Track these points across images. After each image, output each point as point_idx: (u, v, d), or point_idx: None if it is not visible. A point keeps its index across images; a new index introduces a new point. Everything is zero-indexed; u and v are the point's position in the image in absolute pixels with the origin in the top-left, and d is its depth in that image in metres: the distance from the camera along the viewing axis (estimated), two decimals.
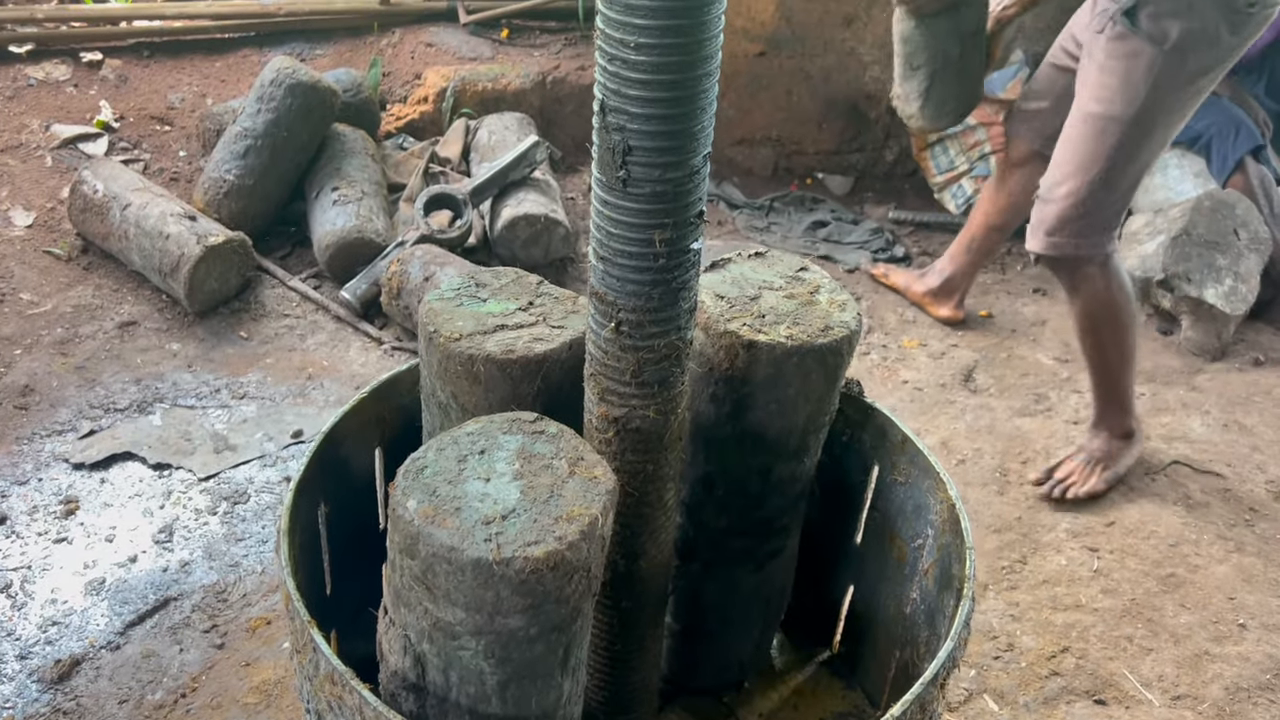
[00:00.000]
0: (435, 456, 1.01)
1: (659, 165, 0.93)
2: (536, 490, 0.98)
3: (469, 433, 1.04)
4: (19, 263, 3.15)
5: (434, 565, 0.93)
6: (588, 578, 0.98)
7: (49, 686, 2.03)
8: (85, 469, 2.54)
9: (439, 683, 1.03)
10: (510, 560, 0.91)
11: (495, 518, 0.94)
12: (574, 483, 0.99)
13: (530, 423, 1.06)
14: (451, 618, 0.96)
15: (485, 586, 0.92)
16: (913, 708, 1.03)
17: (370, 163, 3.38)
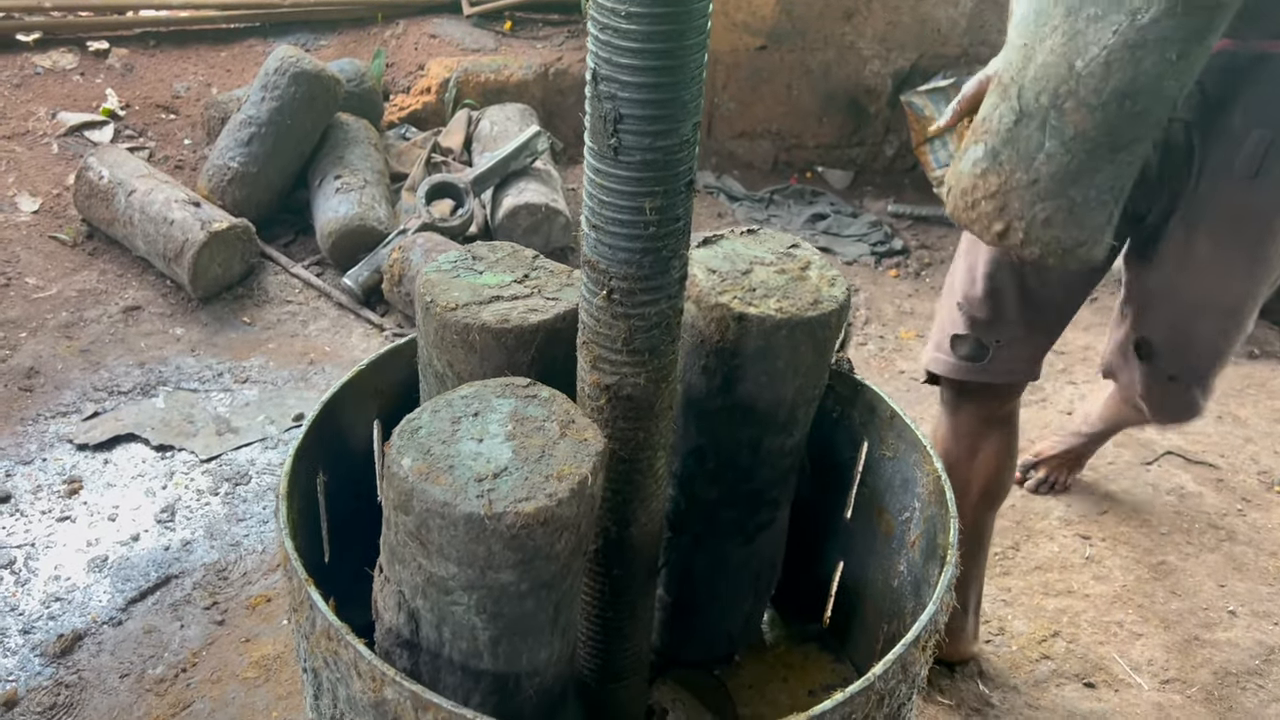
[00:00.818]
0: (430, 418, 1.04)
1: (650, 133, 0.95)
2: (528, 450, 1.00)
3: (463, 396, 1.06)
4: (25, 248, 3.18)
5: (428, 521, 0.96)
6: (577, 535, 1.00)
7: (51, 660, 2.06)
8: (89, 450, 2.57)
9: (432, 639, 1.05)
10: (502, 515, 0.93)
11: (488, 475, 0.96)
12: (565, 444, 1.02)
13: (523, 387, 1.09)
14: (444, 572, 0.98)
15: (477, 541, 0.95)
16: (894, 667, 1.06)
17: (373, 152, 3.41)
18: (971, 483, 1.95)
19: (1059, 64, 1.33)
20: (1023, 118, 1.38)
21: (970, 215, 1.48)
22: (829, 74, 4.00)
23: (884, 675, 1.05)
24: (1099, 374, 2.05)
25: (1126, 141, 1.33)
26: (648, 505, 1.24)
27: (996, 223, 1.44)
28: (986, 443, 1.92)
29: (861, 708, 1.04)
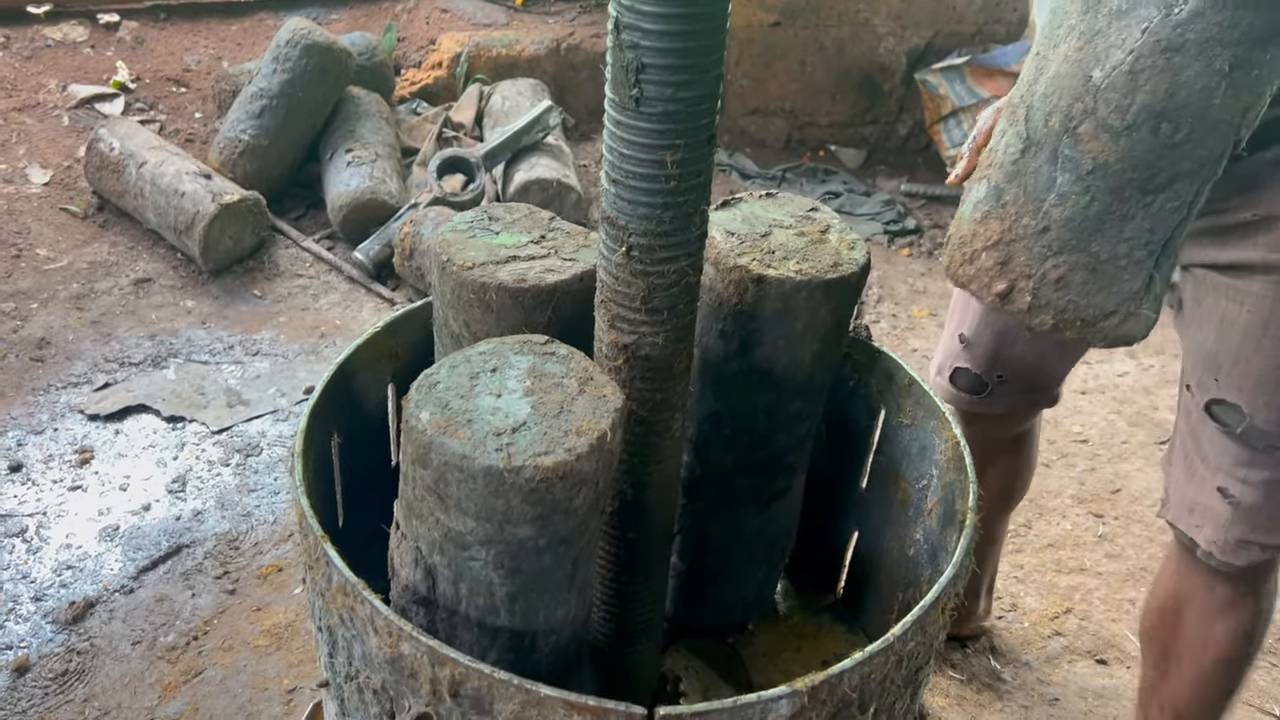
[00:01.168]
0: (448, 373, 1.03)
1: (672, 84, 0.94)
2: (547, 406, 0.99)
3: (480, 352, 1.05)
4: (36, 219, 3.18)
5: (446, 474, 0.95)
6: (595, 491, 0.99)
7: (63, 627, 2.06)
8: (100, 420, 2.57)
9: (449, 595, 1.04)
10: (521, 469, 0.92)
11: (506, 429, 0.95)
12: (583, 400, 1.01)
13: (541, 344, 1.08)
14: (462, 527, 0.97)
15: (496, 495, 0.94)
16: (914, 629, 1.05)
17: (384, 125, 3.39)
18: (985, 488, 1.87)
19: (1072, 74, 1.03)
20: (1030, 146, 1.08)
21: (967, 271, 1.17)
22: (843, 51, 3.97)
23: (903, 636, 1.04)
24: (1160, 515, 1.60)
25: (1165, 181, 1.02)
26: (664, 468, 1.23)
27: (998, 281, 1.14)
28: (1001, 456, 1.86)
29: (880, 668, 1.03)
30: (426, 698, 0.99)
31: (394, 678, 1.02)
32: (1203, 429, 1.46)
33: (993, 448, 1.83)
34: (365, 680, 1.07)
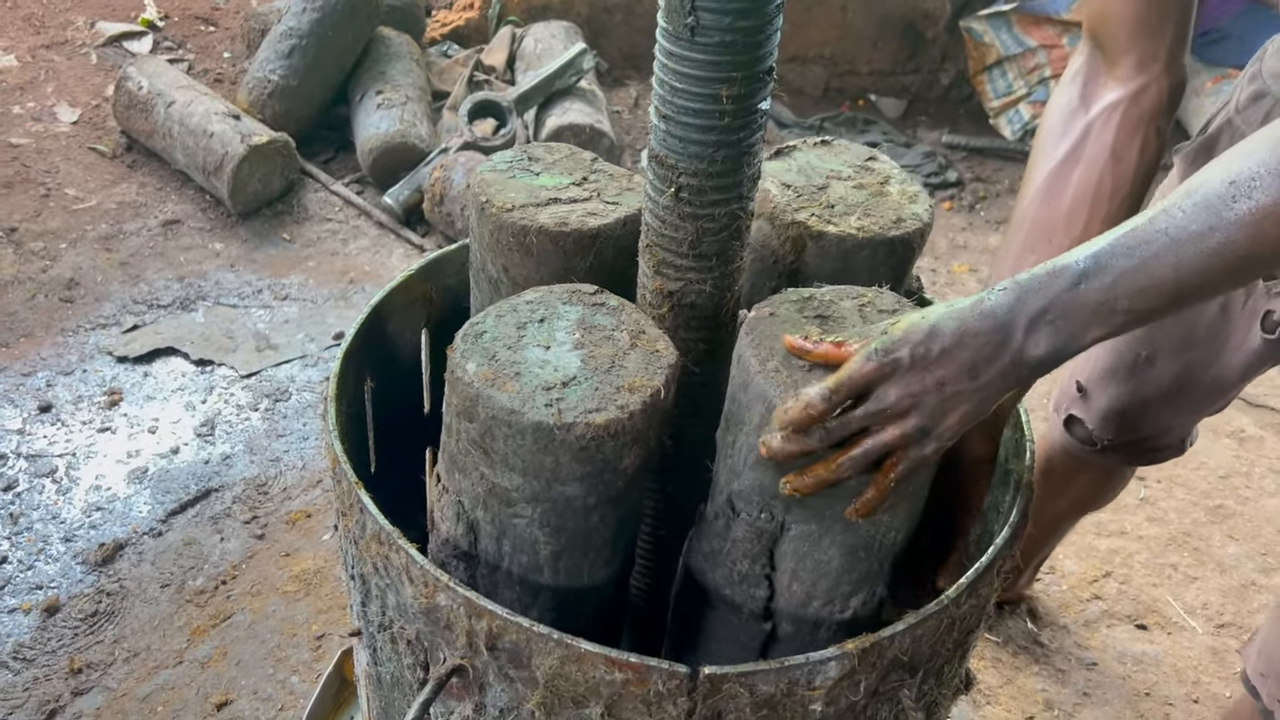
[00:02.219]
0: (494, 322, 0.98)
1: (730, 12, 0.88)
2: (598, 360, 0.95)
3: (528, 301, 1.01)
4: (64, 159, 3.15)
5: (493, 429, 0.91)
6: (646, 450, 0.95)
7: (93, 569, 2.06)
8: (129, 362, 2.55)
9: (491, 551, 1.01)
10: (572, 425, 0.88)
11: (556, 384, 0.91)
12: (635, 354, 0.96)
13: (590, 294, 1.03)
14: (508, 483, 0.94)
15: (545, 451, 0.90)
16: (967, 592, 1.00)
17: (415, 68, 3.33)
18: (1065, 494, 1.80)
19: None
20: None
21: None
22: None
23: (956, 599, 0.99)
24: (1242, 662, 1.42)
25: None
26: (705, 420, 1.18)
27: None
28: (1095, 466, 1.74)
29: (932, 632, 0.99)
30: (462, 650, 0.95)
31: (429, 629, 0.99)
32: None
33: (1086, 463, 1.73)
34: (399, 630, 1.04)
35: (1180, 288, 0.81)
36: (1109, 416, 1.60)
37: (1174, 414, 1.56)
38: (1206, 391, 1.51)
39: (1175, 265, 0.80)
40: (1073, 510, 1.88)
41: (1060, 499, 1.82)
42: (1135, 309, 0.82)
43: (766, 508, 0.98)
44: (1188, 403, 1.54)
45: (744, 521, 1.00)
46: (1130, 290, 0.81)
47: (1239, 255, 0.79)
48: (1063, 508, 1.85)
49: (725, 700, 0.90)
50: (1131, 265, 0.81)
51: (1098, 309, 0.82)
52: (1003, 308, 0.84)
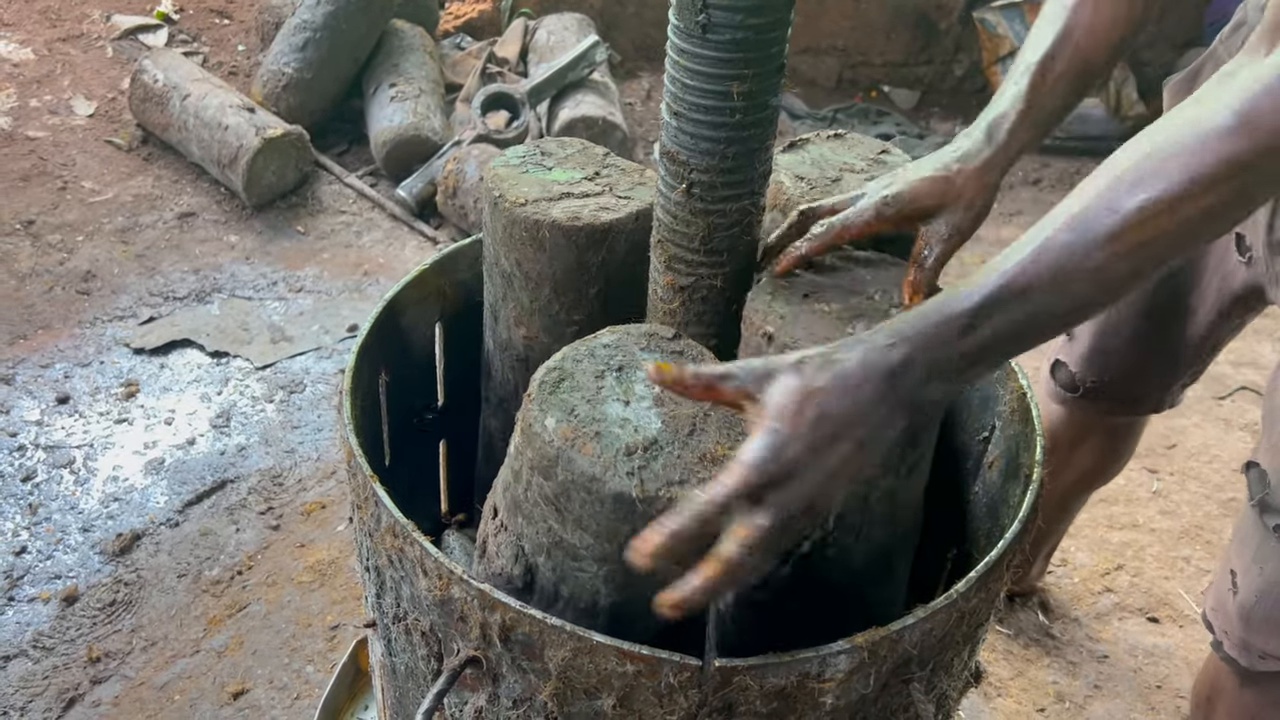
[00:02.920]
0: (572, 368, 0.96)
1: (742, 9, 0.88)
2: (678, 421, 0.92)
3: (605, 345, 0.98)
4: (81, 151, 3.17)
5: (570, 491, 0.89)
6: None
7: (111, 558, 2.08)
8: (145, 354, 2.57)
9: (548, 592, 0.99)
10: (654, 499, 0.86)
11: (638, 448, 0.89)
12: (715, 417, 0.95)
13: (668, 340, 1.00)
14: (578, 541, 0.92)
15: (623, 520, 0.88)
16: (976, 586, 1.01)
17: (428, 60, 3.34)
18: (1070, 466, 1.80)
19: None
20: None
21: None
22: None
23: (966, 594, 1.00)
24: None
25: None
26: None
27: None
28: (1095, 437, 1.76)
29: (942, 625, 0.99)
30: (476, 642, 0.97)
31: (443, 620, 1.00)
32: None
33: (1087, 429, 1.74)
34: (413, 622, 1.05)
35: (1065, 317, 0.80)
36: (1092, 354, 1.62)
37: (1157, 349, 1.57)
38: (1185, 326, 1.52)
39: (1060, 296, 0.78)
40: (1078, 487, 1.88)
41: (1065, 474, 1.82)
42: (1022, 343, 0.80)
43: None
44: (1169, 340, 1.55)
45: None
46: (1017, 332, 0.79)
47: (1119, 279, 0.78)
48: (1068, 483, 1.85)
49: (736, 692, 0.91)
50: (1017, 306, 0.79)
51: (985, 352, 0.79)
52: (888, 367, 0.79)
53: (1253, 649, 1.31)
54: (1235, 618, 1.32)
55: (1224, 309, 1.46)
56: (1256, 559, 1.28)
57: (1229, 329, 1.51)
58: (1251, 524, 1.29)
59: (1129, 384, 1.63)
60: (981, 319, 0.79)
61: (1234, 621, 1.32)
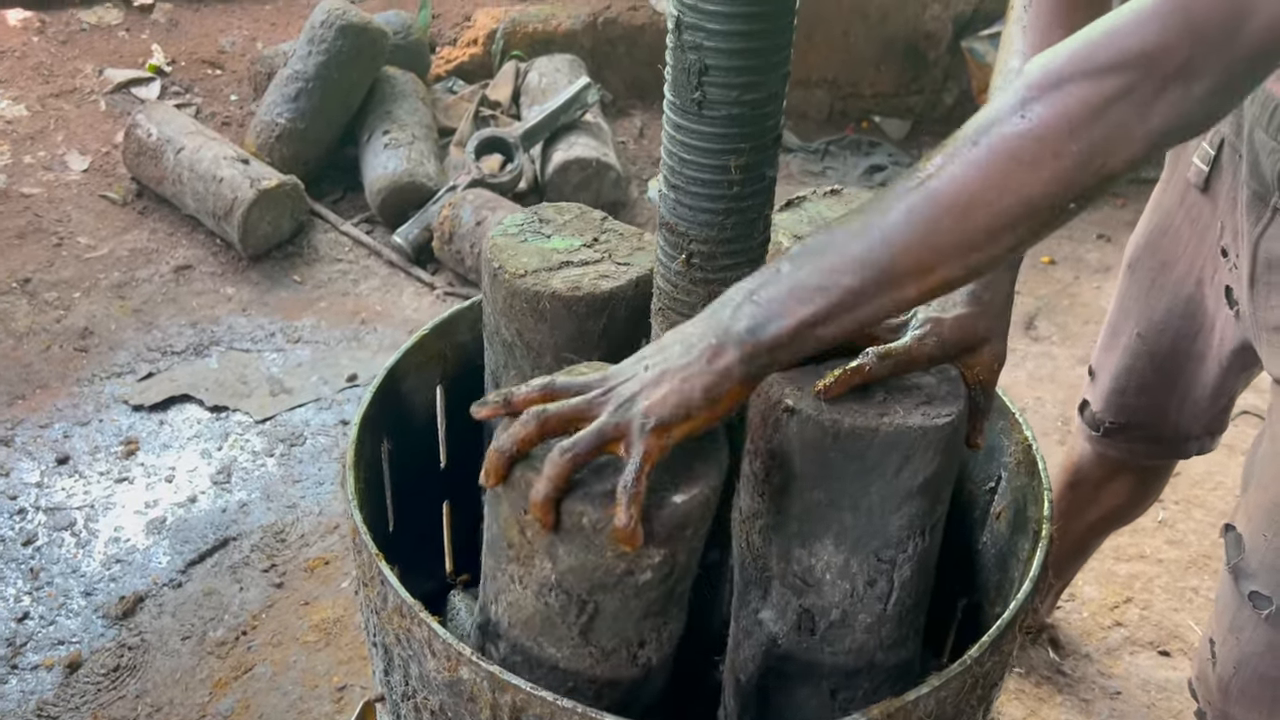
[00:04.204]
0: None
1: (737, 86, 0.89)
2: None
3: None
4: (76, 207, 3.17)
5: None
6: None
7: (114, 622, 2.07)
8: (144, 410, 2.57)
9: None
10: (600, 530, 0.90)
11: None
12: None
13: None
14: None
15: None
16: (989, 650, 1.00)
17: (421, 106, 3.35)
18: (1095, 504, 1.80)
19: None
20: None
21: None
22: (887, 19, 3.87)
23: (980, 659, 0.99)
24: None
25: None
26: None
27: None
28: (1122, 477, 1.75)
29: (956, 692, 0.99)
30: None
31: (453, 700, 0.99)
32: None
33: (1116, 468, 1.73)
34: (423, 701, 1.04)
35: (864, 263, 0.80)
36: (1110, 396, 1.62)
37: (1169, 394, 1.57)
38: (1196, 373, 1.51)
39: (861, 235, 0.80)
40: (1100, 525, 1.87)
41: (1089, 511, 1.82)
42: (827, 286, 0.80)
43: (919, 531, 1.03)
44: (1180, 385, 1.55)
45: (905, 560, 1.04)
46: (821, 266, 0.81)
47: (917, 226, 0.77)
48: (1091, 520, 1.85)
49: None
50: (824, 240, 0.82)
51: (795, 287, 0.81)
52: (725, 293, 0.86)
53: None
54: (1215, 690, 1.30)
55: (1225, 362, 1.46)
56: (1233, 628, 1.26)
57: (1237, 380, 1.50)
58: (1229, 591, 1.27)
59: (1149, 427, 1.62)
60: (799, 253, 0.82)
61: (1214, 693, 1.30)
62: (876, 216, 0.79)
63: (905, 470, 0.99)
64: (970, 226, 0.76)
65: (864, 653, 1.11)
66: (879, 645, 1.11)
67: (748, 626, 1.17)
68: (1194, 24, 0.68)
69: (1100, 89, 0.71)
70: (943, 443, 0.98)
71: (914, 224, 0.77)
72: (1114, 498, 1.79)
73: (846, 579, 1.06)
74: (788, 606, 1.10)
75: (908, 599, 1.09)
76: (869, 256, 0.79)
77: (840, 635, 1.10)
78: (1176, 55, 0.69)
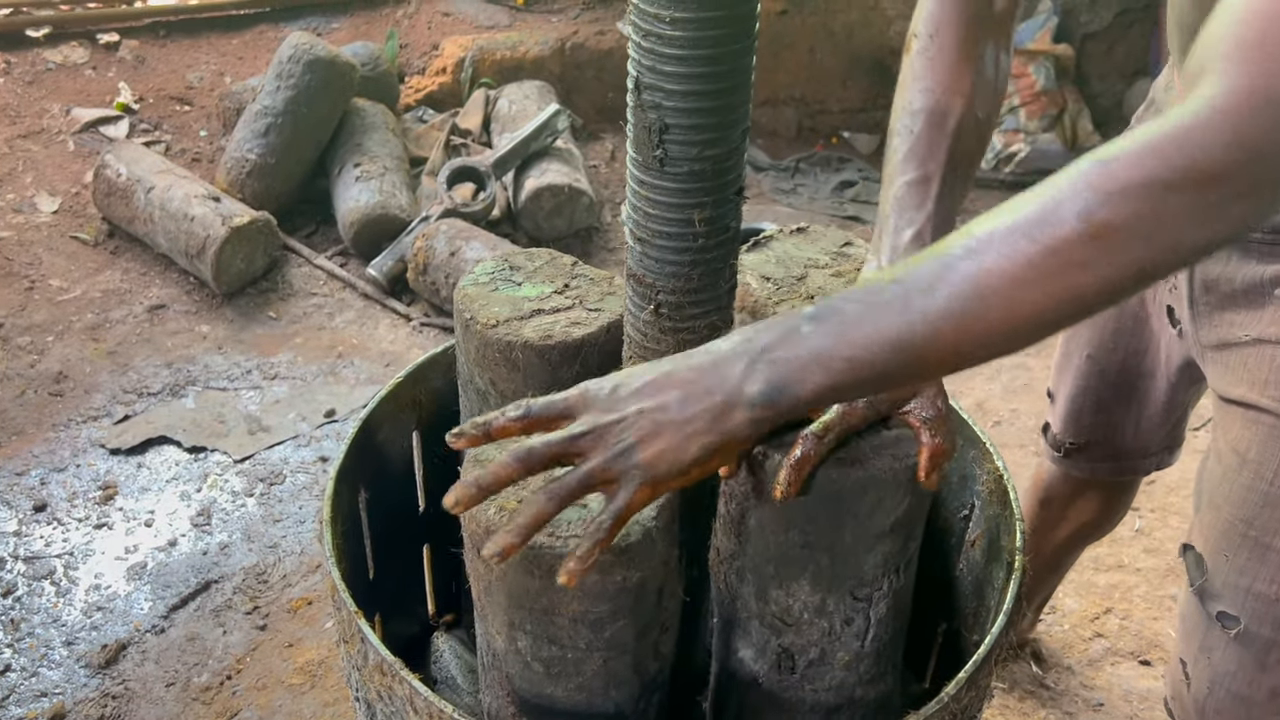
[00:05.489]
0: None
1: (697, 143, 0.90)
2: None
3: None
4: (47, 249, 3.16)
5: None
6: None
7: (97, 671, 2.05)
8: (122, 454, 2.55)
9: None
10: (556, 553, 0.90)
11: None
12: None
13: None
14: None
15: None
16: (966, 686, 1.02)
17: (391, 137, 3.36)
18: (1066, 521, 1.82)
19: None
20: None
21: None
22: (852, 36, 3.91)
23: (957, 695, 1.01)
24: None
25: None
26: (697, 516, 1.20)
27: None
28: (1092, 492, 1.77)
29: None
30: None
31: None
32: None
33: (1082, 485, 1.76)
34: None
35: (901, 342, 0.76)
36: (1067, 417, 1.65)
37: (1124, 413, 1.59)
38: (1148, 390, 1.54)
39: (901, 313, 0.75)
40: (1073, 541, 1.89)
41: (1060, 528, 1.85)
42: (857, 358, 0.77)
43: (893, 569, 1.05)
44: (1135, 403, 1.57)
45: (880, 596, 1.05)
46: (855, 339, 0.77)
47: (963, 311, 0.74)
48: (1063, 537, 1.87)
49: None
50: (858, 312, 0.77)
51: (820, 354, 0.77)
52: (728, 343, 0.81)
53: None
54: (1192, 711, 1.31)
55: (1173, 378, 1.48)
56: (1204, 648, 1.28)
57: (1188, 395, 1.54)
58: (1195, 612, 1.29)
59: (1107, 445, 1.65)
60: (822, 317, 0.78)
61: (1191, 714, 1.32)
62: (919, 296, 0.75)
63: (878, 512, 1.01)
64: (1016, 320, 0.74)
65: (844, 689, 1.13)
66: (858, 681, 1.13)
67: (729, 665, 1.18)
68: (1268, 138, 0.67)
69: (1167, 202, 0.69)
70: (911, 483, 1.00)
71: (957, 313, 0.74)
72: (1083, 514, 1.81)
73: (824, 618, 1.07)
74: (767, 645, 1.11)
75: (884, 634, 1.10)
76: (905, 338, 0.75)
77: (820, 673, 1.11)
78: (1249, 172, 0.67)
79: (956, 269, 0.74)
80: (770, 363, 0.78)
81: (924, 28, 1.06)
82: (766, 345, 0.79)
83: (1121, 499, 1.83)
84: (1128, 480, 1.79)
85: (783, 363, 0.78)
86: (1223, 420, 1.26)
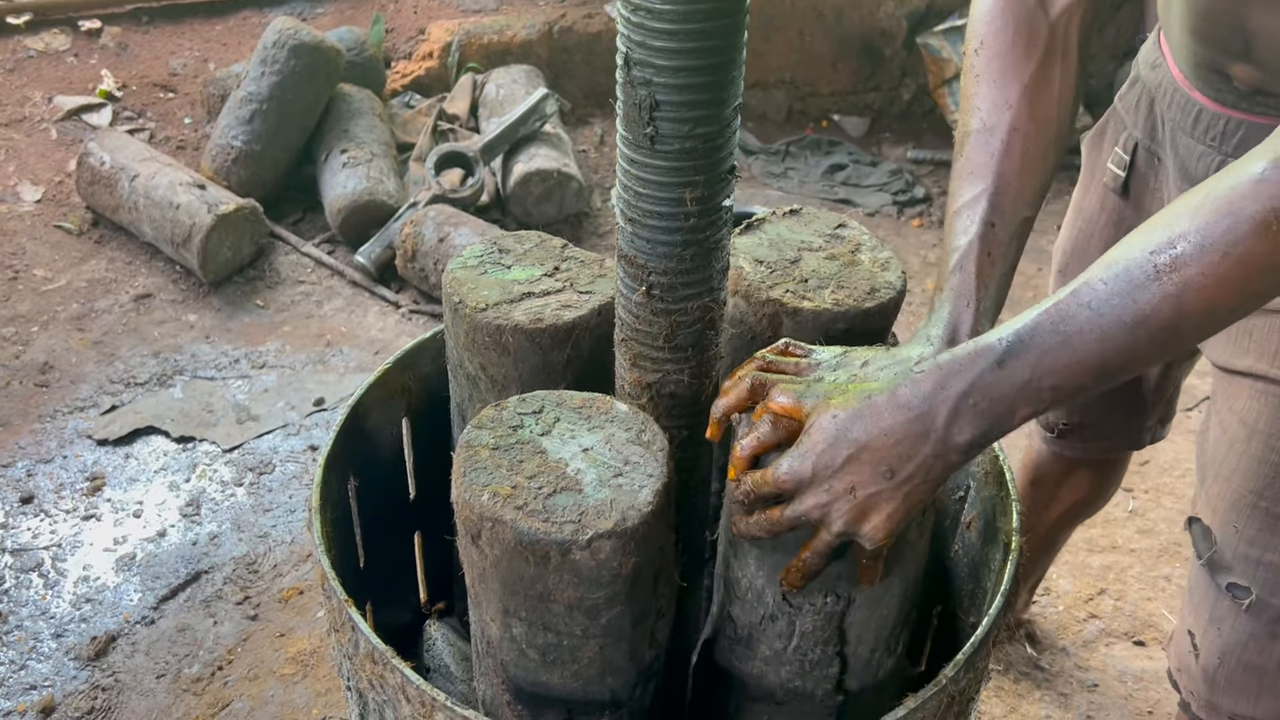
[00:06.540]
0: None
1: (689, 120, 0.88)
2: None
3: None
4: (30, 239, 3.12)
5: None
6: None
7: (86, 664, 2.04)
8: (109, 445, 2.53)
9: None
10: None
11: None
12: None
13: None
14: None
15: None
16: (964, 669, 1.01)
17: (378, 123, 3.33)
18: (1057, 500, 1.83)
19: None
20: None
21: None
22: (842, 18, 3.89)
23: (955, 677, 1.00)
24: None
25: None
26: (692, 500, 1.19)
27: None
28: (1082, 470, 1.78)
29: (934, 711, 0.99)
30: None
31: None
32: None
33: (1073, 464, 1.76)
34: None
35: (1106, 362, 0.79)
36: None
37: (1117, 391, 1.58)
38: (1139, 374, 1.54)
39: (1100, 340, 0.78)
40: (1065, 519, 1.90)
41: (1053, 507, 1.85)
42: (1062, 385, 0.80)
43: (832, 590, 1.00)
44: (1128, 381, 1.57)
45: (810, 611, 1.01)
46: (1055, 367, 0.79)
47: (1163, 328, 0.77)
48: (1055, 516, 1.87)
49: None
50: (1056, 342, 0.79)
51: (1024, 388, 0.80)
52: (919, 397, 0.83)
53: (1221, 710, 1.31)
54: (1200, 680, 1.32)
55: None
56: (1213, 620, 1.28)
57: (1180, 369, 1.55)
58: (1204, 583, 1.28)
59: (1100, 425, 1.65)
60: (1016, 352, 0.80)
61: (1199, 684, 1.32)
62: (1114, 323, 0.78)
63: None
64: (1207, 331, 0.79)
65: (764, 682, 1.10)
66: (779, 682, 1.09)
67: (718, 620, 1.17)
68: None
69: None
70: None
71: (1157, 334, 0.78)
72: (1074, 492, 1.81)
73: (761, 605, 1.05)
74: (723, 606, 1.11)
75: (811, 652, 1.06)
76: (1109, 363, 0.79)
77: (746, 655, 1.10)
78: None
79: (1149, 290, 0.76)
80: (974, 409, 0.82)
81: (969, 44, 1.06)
82: (964, 392, 0.82)
83: (1113, 475, 1.83)
84: (1120, 457, 1.79)
85: (987, 404, 0.81)
86: (1227, 392, 1.25)
